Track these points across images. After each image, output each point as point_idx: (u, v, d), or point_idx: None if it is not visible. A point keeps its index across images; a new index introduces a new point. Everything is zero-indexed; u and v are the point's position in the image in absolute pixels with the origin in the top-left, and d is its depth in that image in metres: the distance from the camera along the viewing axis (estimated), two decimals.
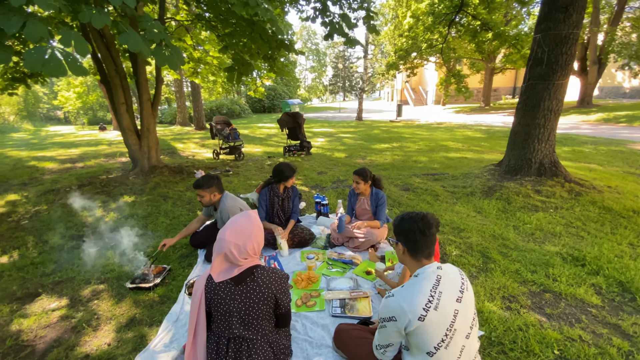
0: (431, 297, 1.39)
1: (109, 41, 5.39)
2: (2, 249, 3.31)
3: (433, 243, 1.55)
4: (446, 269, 1.52)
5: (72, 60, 2.62)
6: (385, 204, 3.20)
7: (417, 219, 1.54)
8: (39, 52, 2.46)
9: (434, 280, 1.44)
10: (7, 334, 2.15)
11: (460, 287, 1.48)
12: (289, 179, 3.23)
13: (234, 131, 7.85)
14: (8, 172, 6.74)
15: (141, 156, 6.12)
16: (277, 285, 1.70)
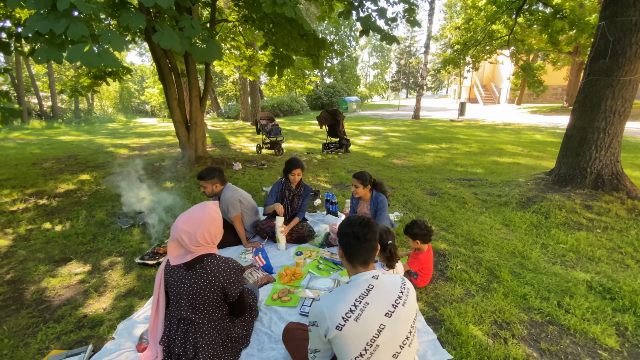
0: (354, 306, 1.31)
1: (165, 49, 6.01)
2: (60, 219, 3.97)
3: (371, 250, 1.44)
4: (383, 279, 1.41)
5: (106, 54, 2.97)
6: (385, 208, 3.04)
7: (354, 223, 1.45)
8: (79, 47, 2.86)
9: (362, 290, 1.35)
10: (36, 289, 2.60)
11: (395, 301, 1.37)
12: (291, 171, 3.27)
13: (275, 127, 8.15)
14: (89, 155, 8.00)
15: (189, 147, 6.73)
16: (225, 275, 1.76)
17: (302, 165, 3.33)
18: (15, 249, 3.25)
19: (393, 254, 2.18)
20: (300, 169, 3.30)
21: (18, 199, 4.65)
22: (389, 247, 2.17)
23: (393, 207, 4.14)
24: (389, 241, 2.18)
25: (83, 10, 2.84)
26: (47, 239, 3.46)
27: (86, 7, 2.84)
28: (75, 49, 2.84)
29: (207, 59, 3.82)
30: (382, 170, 6.12)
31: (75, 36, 2.81)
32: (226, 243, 3.22)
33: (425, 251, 2.48)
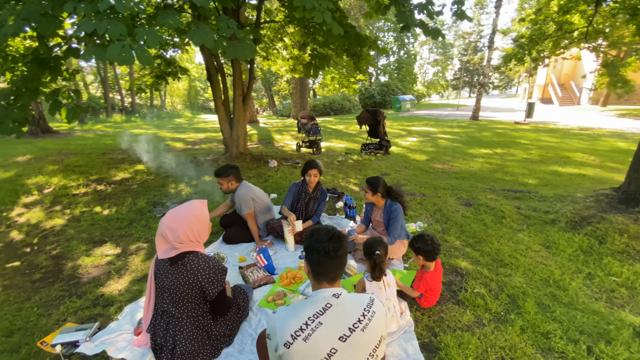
0: (305, 325, 1.23)
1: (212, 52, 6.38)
2: (109, 204, 4.45)
3: (340, 266, 1.36)
4: (345, 298, 1.31)
5: (141, 51, 3.20)
6: (398, 218, 2.83)
7: (324, 238, 1.36)
8: (117, 45, 3.13)
9: (319, 308, 1.27)
10: (72, 266, 2.94)
11: (353, 325, 1.26)
12: (307, 171, 3.22)
13: (315, 126, 8.17)
14: (153, 146, 8.87)
15: (231, 143, 7.08)
16: (203, 274, 1.79)
17: (318, 166, 3.26)
18: (66, 228, 3.73)
19: (378, 265, 2.02)
20: (316, 169, 3.23)
21: (82, 184, 5.34)
22: (374, 257, 2.02)
23: (418, 216, 3.87)
24: (376, 251, 2.03)
25: (120, 10, 3.11)
26: (93, 221, 3.90)
27: (123, 7, 3.11)
28: (114, 47, 3.12)
29: (239, 57, 3.94)
30: (419, 175, 5.77)
31: (114, 35, 3.09)
32: (239, 239, 3.30)
33: (432, 270, 2.26)
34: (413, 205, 4.20)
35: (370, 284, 2.05)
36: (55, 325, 2.19)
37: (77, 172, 6.01)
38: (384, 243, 2.15)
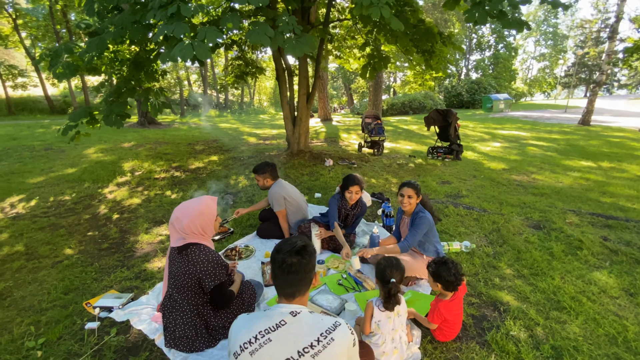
0: (255, 339, 1.18)
1: (280, 50, 6.67)
2: (178, 189, 5.06)
3: (298, 284, 1.27)
4: (303, 318, 1.23)
5: (200, 48, 3.50)
6: (420, 225, 2.51)
7: (285, 249, 1.29)
8: (180, 44, 3.48)
9: (273, 323, 1.21)
10: (132, 240, 3.43)
11: (303, 349, 1.17)
12: (348, 187, 2.98)
13: (378, 126, 7.88)
14: (228, 141, 9.80)
15: (293, 141, 7.33)
16: (202, 266, 1.88)
17: (360, 182, 2.99)
18: (139, 207, 4.36)
19: (392, 295, 1.79)
20: (358, 186, 2.97)
21: (164, 170, 6.18)
22: (390, 285, 1.80)
23: (468, 235, 3.41)
24: (392, 279, 1.82)
25: (185, 13, 3.46)
26: (160, 203, 4.48)
27: (187, 11, 3.45)
28: (178, 46, 3.48)
29: (296, 53, 3.99)
30: (487, 186, 5.08)
31: (178, 34, 3.45)
32: (271, 234, 3.39)
33: (448, 300, 1.96)
34: (467, 222, 3.72)
35: (379, 311, 1.86)
36: (102, 290, 2.58)
37: (164, 159, 6.98)
38: (401, 267, 1.91)
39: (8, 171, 5.83)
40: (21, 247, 3.25)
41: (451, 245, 3.10)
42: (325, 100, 17.73)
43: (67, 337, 2.09)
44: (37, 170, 6.02)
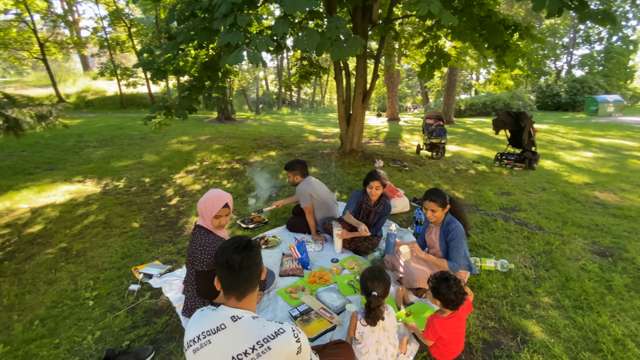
0: (198, 338, 1.22)
1: None
2: (233, 180, 5.57)
3: (248, 279, 1.27)
4: (241, 324, 1.22)
5: (253, 54, 3.81)
6: (460, 239, 2.32)
7: (229, 250, 1.28)
8: (235, 52, 3.83)
9: (214, 326, 1.22)
10: (184, 221, 3.92)
11: (237, 355, 1.18)
12: (368, 182, 3.01)
13: (440, 127, 7.40)
14: (289, 137, 10.30)
15: (346, 140, 7.39)
16: (195, 247, 2.07)
17: (381, 178, 2.98)
18: (197, 192, 4.94)
19: (372, 309, 1.74)
20: (378, 181, 2.97)
21: (227, 161, 6.84)
22: (370, 299, 1.77)
23: (509, 253, 3.05)
24: (373, 292, 1.78)
25: (241, 23, 3.79)
26: None
27: (242, 20, 3.78)
28: (234, 53, 3.84)
29: (341, 57, 4.08)
30: (555, 202, 4.42)
31: (234, 42, 3.80)
32: (299, 229, 3.54)
33: (445, 317, 1.83)
34: (514, 239, 3.33)
35: (361, 324, 1.82)
36: (149, 259, 3.05)
37: (230, 152, 7.71)
38: (385, 279, 1.85)
39: (109, 155, 7.13)
40: (102, 217, 4.00)
41: (484, 262, 2.82)
42: (394, 99, 17.24)
43: (114, 293, 2.54)
44: (130, 155, 7.22)
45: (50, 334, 2.11)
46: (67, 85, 17.34)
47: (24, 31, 14.80)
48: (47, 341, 2.05)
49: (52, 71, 14.95)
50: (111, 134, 9.27)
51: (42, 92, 15.78)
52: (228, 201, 2.17)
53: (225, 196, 2.17)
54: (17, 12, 14.02)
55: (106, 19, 16.04)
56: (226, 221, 2.22)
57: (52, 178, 5.49)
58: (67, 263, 2.96)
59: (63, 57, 18.01)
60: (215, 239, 2.15)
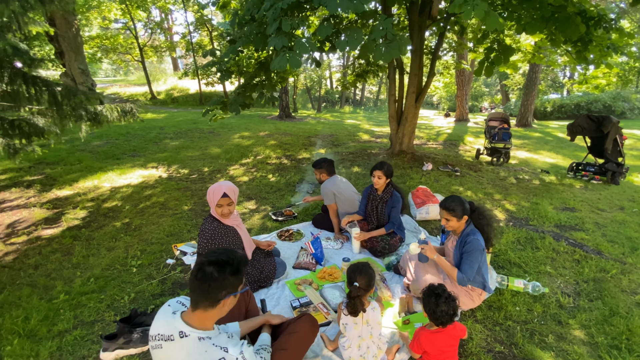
0: (154, 337, 1.30)
1: None
2: (278, 174, 5.88)
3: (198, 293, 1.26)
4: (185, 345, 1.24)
5: (293, 59, 3.99)
6: (473, 252, 2.15)
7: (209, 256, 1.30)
8: (280, 56, 4.06)
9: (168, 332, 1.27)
10: None
11: None
12: (372, 172, 3.13)
13: (503, 131, 6.71)
14: (343, 136, 10.37)
15: (395, 140, 7.19)
16: (200, 231, 2.31)
17: (384, 167, 3.08)
18: (244, 184, 5.35)
19: (352, 298, 1.77)
20: (381, 170, 3.06)
21: (277, 157, 7.23)
22: (351, 288, 1.79)
23: (551, 277, 2.70)
24: (355, 282, 1.79)
25: (285, 28, 4.00)
26: (259, 183, 5.36)
27: (287, 26, 3.98)
28: (278, 58, 4.07)
29: (385, 59, 4.05)
30: (633, 224, 3.72)
31: (278, 46, 4.03)
32: (323, 225, 3.63)
33: (431, 331, 1.74)
34: (560, 261, 2.93)
35: (344, 314, 1.86)
36: (188, 239, 3.45)
37: (282, 148, 8.11)
38: (369, 273, 1.84)
39: (180, 146, 8.09)
40: (162, 199, 4.62)
41: (512, 282, 2.56)
42: (463, 98, 16.07)
43: (153, 265, 2.96)
44: (198, 147, 8.09)
45: (99, 290, 2.57)
46: (159, 84, 20.02)
47: (128, 37, 17.52)
48: (95, 295, 2.50)
49: (147, 72, 17.41)
50: (186, 128, 10.46)
51: (139, 90, 18.52)
52: (227, 191, 2.28)
53: (224, 187, 2.30)
54: (124, 22, 16.66)
55: (192, 25, 18.07)
56: (229, 210, 2.33)
57: (132, 163, 6.48)
58: (125, 235, 3.53)
59: (157, 59, 20.81)
60: (218, 226, 2.33)
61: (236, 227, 2.54)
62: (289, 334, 1.73)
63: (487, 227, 2.31)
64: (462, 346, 2.02)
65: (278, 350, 1.65)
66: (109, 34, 17.24)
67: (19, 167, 5.67)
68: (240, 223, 2.63)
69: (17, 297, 2.44)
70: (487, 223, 2.32)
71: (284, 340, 1.71)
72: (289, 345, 1.69)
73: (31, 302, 2.37)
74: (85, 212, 4.14)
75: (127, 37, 18.00)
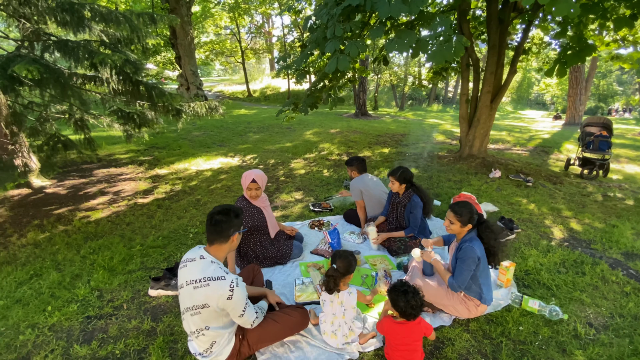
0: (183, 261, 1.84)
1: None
2: (332, 170, 6.21)
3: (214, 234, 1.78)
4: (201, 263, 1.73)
5: (343, 60, 4.24)
6: (463, 260, 2.13)
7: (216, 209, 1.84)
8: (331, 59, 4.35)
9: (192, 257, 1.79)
10: (276, 196, 4.86)
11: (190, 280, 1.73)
12: (389, 176, 3.18)
13: (601, 139, 5.63)
14: (415, 136, 10.05)
15: (465, 143, 6.75)
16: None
17: (396, 172, 3.12)
18: (299, 177, 5.85)
19: (327, 277, 2.00)
20: (393, 176, 3.14)
21: (339, 154, 7.56)
22: (329, 269, 2.02)
23: (582, 306, 2.39)
24: (334, 264, 2.02)
25: (338, 33, 4.28)
26: (312, 177, 5.79)
27: (339, 29, 4.25)
28: (330, 61, 4.38)
29: (436, 61, 4.00)
30: None
31: (330, 50, 4.34)
32: (352, 220, 3.84)
33: (396, 321, 1.85)
34: (604, 290, 2.54)
35: (321, 290, 2.10)
36: None
37: (346, 145, 8.40)
38: (348, 260, 2.04)
39: (259, 139, 9.13)
40: (230, 183, 5.45)
41: (526, 301, 2.37)
42: (576, 98, 13.66)
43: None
44: (273, 141, 9.00)
45: (162, 247, 3.35)
46: (256, 82, 22.39)
47: (233, 42, 20.08)
48: (159, 250, 3.28)
49: (247, 72, 19.69)
50: (269, 123, 11.62)
51: (239, 88, 21.08)
52: (255, 178, 2.79)
53: (253, 174, 2.79)
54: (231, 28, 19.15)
55: (287, 27, 19.65)
56: (256, 194, 2.83)
57: (218, 152, 7.66)
58: (193, 208, 4.37)
59: (256, 60, 23.26)
60: (247, 205, 2.84)
61: (262, 208, 2.99)
62: (285, 314, 2.07)
63: (493, 241, 2.22)
64: (438, 349, 2.04)
65: (270, 320, 2.01)
66: (218, 40, 20.07)
67: (137, 149, 7.33)
68: (268, 206, 3.08)
69: (110, 242, 3.38)
70: (493, 237, 2.22)
71: (279, 315, 2.06)
72: (281, 321, 2.02)
73: (117, 248, 3.26)
74: (171, 188, 5.21)
75: (232, 41, 20.65)
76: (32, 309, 2.39)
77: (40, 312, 2.36)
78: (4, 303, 2.45)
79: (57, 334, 2.18)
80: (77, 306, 2.43)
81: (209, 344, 1.81)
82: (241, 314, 1.77)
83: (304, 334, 2.14)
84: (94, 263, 3.01)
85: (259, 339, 1.96)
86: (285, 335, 2.07)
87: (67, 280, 2.75)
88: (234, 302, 1.71)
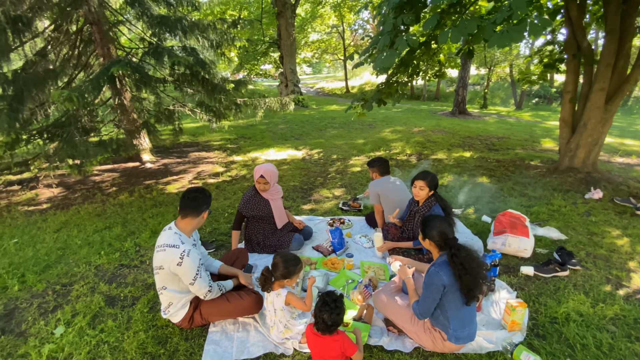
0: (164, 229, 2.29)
1: (574, 24, 4.90)
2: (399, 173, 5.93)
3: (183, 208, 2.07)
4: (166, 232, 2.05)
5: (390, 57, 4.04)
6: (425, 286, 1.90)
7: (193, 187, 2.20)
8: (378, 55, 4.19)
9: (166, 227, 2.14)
10: (316, 190, 5.00)
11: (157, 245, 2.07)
12: (413, 181, 2.89)
13: None
14: (516, 141, 8.49)
15: (565, 152, 5.48)
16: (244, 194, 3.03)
17: (426, 177, 2.80)
18: (351, 174, 5.81)
19: (263, 274, 2.07)
20: (423, 181, 2.79)
21: (407, 154, 7.12)
22: (264, 269, 2.09)
23: None
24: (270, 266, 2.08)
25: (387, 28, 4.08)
26: (364, 176, 5.67)
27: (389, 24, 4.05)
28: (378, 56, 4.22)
29: (499, 45, 3.45)
30: None
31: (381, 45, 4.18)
32: (371, 223, 3.67)
33: (314, 332, 1.78)
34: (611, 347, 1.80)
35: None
36: None
37: (422, 146, 7.81)
38: (289, 267, 2.04)
39: (335, 135, 9.34)
40: (284, 174, 5.85)
41: (518, 352, 1.90)
42: None
43: None
44: (347, 137, 9.09)
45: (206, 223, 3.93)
46: (357, 79, 22.63)
47: (338, 40, 20.72)
48: None
49: (347, 69, 20.11)
50: (353, 119, 11.73)
51: (339, 85, 21.73)
52: (263, 174, 2.98)
53: (262, 170, 2.98)
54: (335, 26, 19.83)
55: None
56: (264, 188, 3.05)
57: (291, 144, 8.24)
58: (241, 192, 4.91)
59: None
60: (255, 195, 3.10)
61: (270, 200, 3.19)
62: (239, 296, 2.27)
63: (464, 274, 1.83)
64: None
65: (224, 298, 2.24)
66: (325, 39, 21.06)
67: (230, 137, 8.53)
68: (277, 198, 3.26)
69: (166, 211, 4.17)
70: (465, 272, 1.83)
71: (233, 296, 2.27)
72: (233, 302, 2.23)
73: (168, 216, 4.01)
74: (237, 172, 5.95)
75: (338, 39, 21.35)
76: (93, 251, 3.23)
77: (96, 255, 3.16)
78: (80, 242, 3.38)
79: (97, 272, 2.90)
80: (118, 255, 3.15)
81: (167, 303, 2.13)
82: (192, 282, 2.02)
83: (257, 320, 2.26)
84: (147, 225, 3.78)
85: (210, 312, 2.19)
86: (235, 315, 2.24)
87: (124, 235, 3.56)
88: (184, 269, 1.97)
